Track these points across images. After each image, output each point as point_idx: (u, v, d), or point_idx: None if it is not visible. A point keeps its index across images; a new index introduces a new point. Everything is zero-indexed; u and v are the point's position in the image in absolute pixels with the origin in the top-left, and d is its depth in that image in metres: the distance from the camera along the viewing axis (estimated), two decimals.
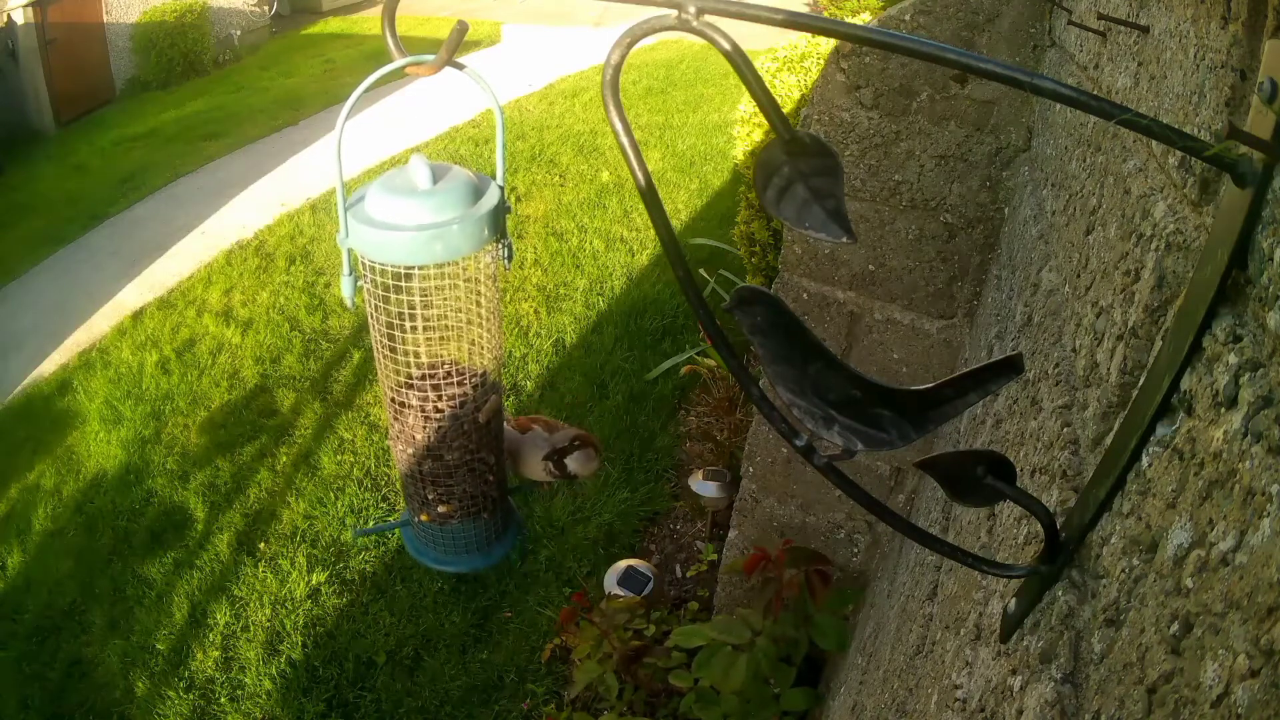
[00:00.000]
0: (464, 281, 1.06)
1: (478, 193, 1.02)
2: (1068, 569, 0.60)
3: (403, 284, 1.02)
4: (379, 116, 7.68)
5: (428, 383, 1.11)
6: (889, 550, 1.96)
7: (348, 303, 1.04)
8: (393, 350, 1.09)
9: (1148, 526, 0.51)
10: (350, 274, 1.01)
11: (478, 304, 1.08)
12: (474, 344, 1.12)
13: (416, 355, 1.11)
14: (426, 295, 1.04)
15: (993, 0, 1.73)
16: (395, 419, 1.16)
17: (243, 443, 4.29)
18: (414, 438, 1.15)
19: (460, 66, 0.97)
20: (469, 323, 1.10)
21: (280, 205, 6.65)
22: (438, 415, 1.13)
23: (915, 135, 1.85)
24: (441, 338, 1.11)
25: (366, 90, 0.88)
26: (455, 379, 1.12)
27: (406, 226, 0.97)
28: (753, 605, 2.23)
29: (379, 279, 1.02)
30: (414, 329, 1.07)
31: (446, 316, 1.08)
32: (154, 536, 3.81)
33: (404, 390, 1.13)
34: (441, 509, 1.20)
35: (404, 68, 0.86)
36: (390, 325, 1.06)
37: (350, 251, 1.00)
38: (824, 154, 0.49)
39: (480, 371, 1.14)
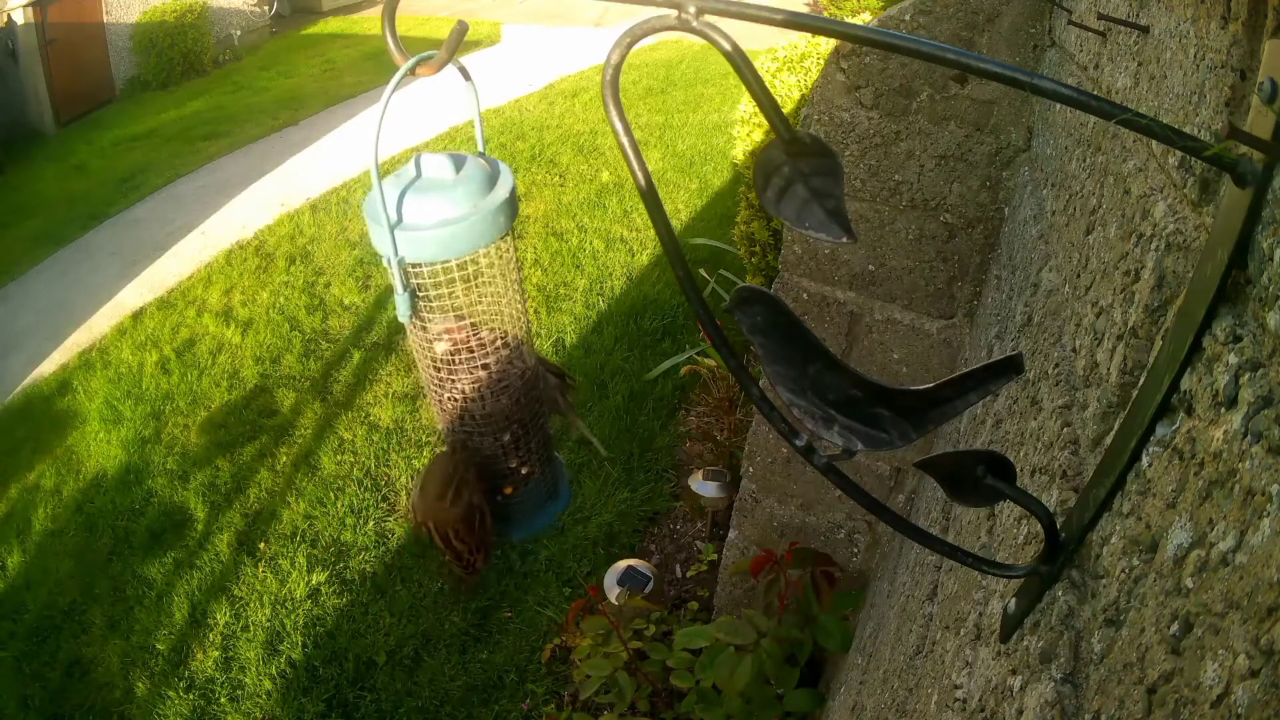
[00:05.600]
0: (497, 258, 1.07)
1: (490, 170, 1.04)
2: (1068, 569, 0.60)
3: (445, 277, 1.02)
4: (378, 118, 7.68)
5: (480, 358, 1.12)
6: (889, 550, 1.96)
7: (405, 320, 1.02)
8: (456, 356, 1.09)
9: (1148, 526, 0.51)
10: (405, 290, 0.99)
11: (504, 275, 1.09)
12: (504, 312, 1.13)
13: (457, 344, 1.11)
14: (469, 280, 1.04)
15: (993, 0, 1.73)
16: (464, 410, 1.15)
17: (243, 443, 4.29)
18: (490, 416, 1.15)
19: (464, 73, 0.97)
20: (502, 296, 1.11)
21: (280, 205, 6.66)
22: (501, 383, 1.13)
23: (915, 135, 1.85)
24: (474, 322, 1.11)
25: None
26: (493, 344, 1.13)
27: (469, 214, 0.97)
28: (754, 605, 2.23)
29: (428, 281, 1.02)
30: (459, 318, 1.07)
31: (486, 296, 1.09)
32: (154, 536, 3.81)
33: (458, 373, 1.13)
34: (524, 471, 1.22)
35: (414, 68, 0.86)
36: (435, 324, 1.06)
37: (402, 269, 0.97)
38: (824, 154, 0.49)
39: (506, 330, 1.15)
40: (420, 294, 1.02)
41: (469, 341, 1.11)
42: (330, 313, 5.26)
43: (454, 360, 1.12)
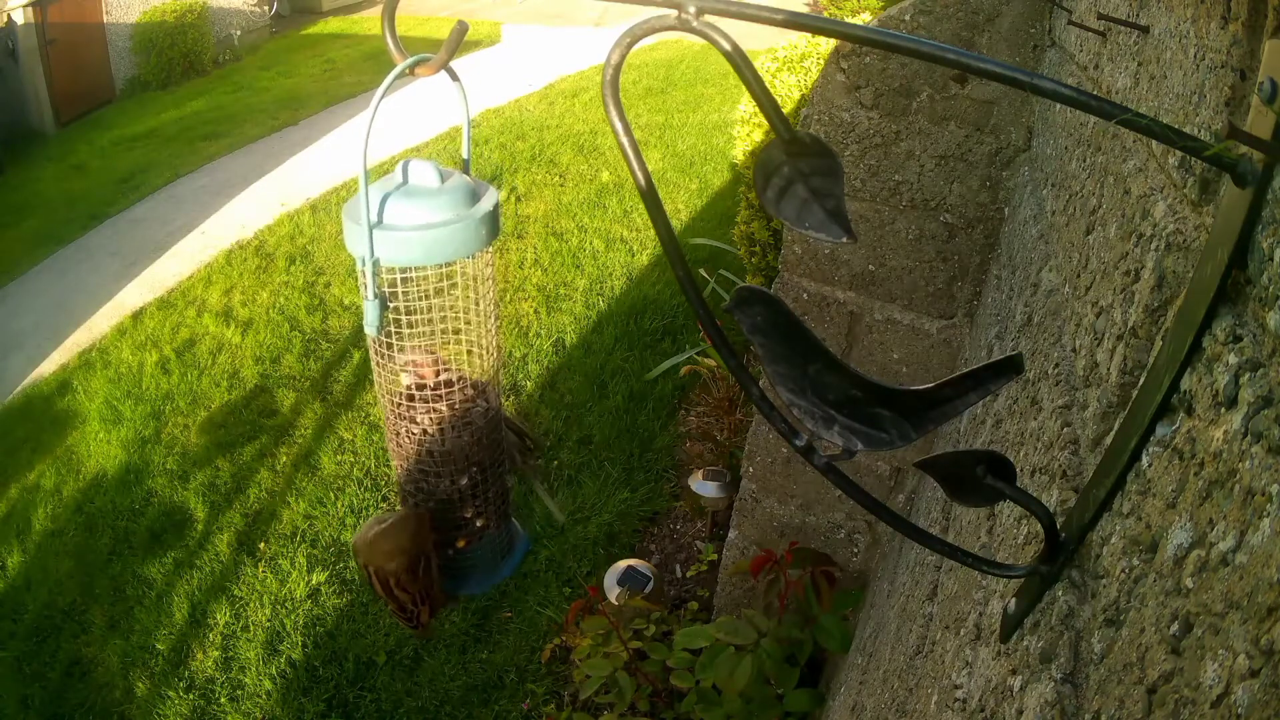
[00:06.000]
0: (472, 280, 1.03)
1: (473, 185, 1.02)
2: (1068, 569, 0.60)
3: (419, 288, 0.99)
4: (378, 117, 7.68)
5: (445, 392, 1.08)
6: (889, 550, 1.96)
7: (373, 331, 0.95)
8: (420, 384, 1.07)
9: (1148, 526, 0.51)
10: (375, 297, 0.92)
11: (477, 304, 1.06)
12: (476, 345, 1.10)
13: (431, 367, 1.07)
14: (429, 299, 1.01)
15: (993, 0, 1.73)
16: (422, 445, 1.09)
17: (243, 443, 4.29)
18: (450, 454, 1.09)
19: (452, 74, 0.96)
20: (469, 324, 1.08)
21: (280, 205, 6.66)
22: (464, 419, 1.09)
23: (915, 135, 1.85)
24: (444, 343, 1.08)
25: (366, 93, 0.87)
26: (467, 382, 1.10)
27: (453, 219, 0.94)
28: (754, 605, 2.23)
29: (400, 290, 0.98)
30: (429, 339, 1.04)
31: (452, 319, 1.06)
32: (154, 536, 3.81)
33: (418, 407, 1.09)
34: (479, 523, 1.14)
35: (411, 68, 0.85)
36: (396, 350, 1.03)
37: (376, 275, 0.92)
38: (824, 154, 0.49)
39: (479, 368, 1.12)
40: (390, 305, 0.98)
41: (435, 370, 1.07)
42: (330, 313, 5.26)
43: (418, 391, 1.06)
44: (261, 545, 3.68)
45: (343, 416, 4.38)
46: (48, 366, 5.09)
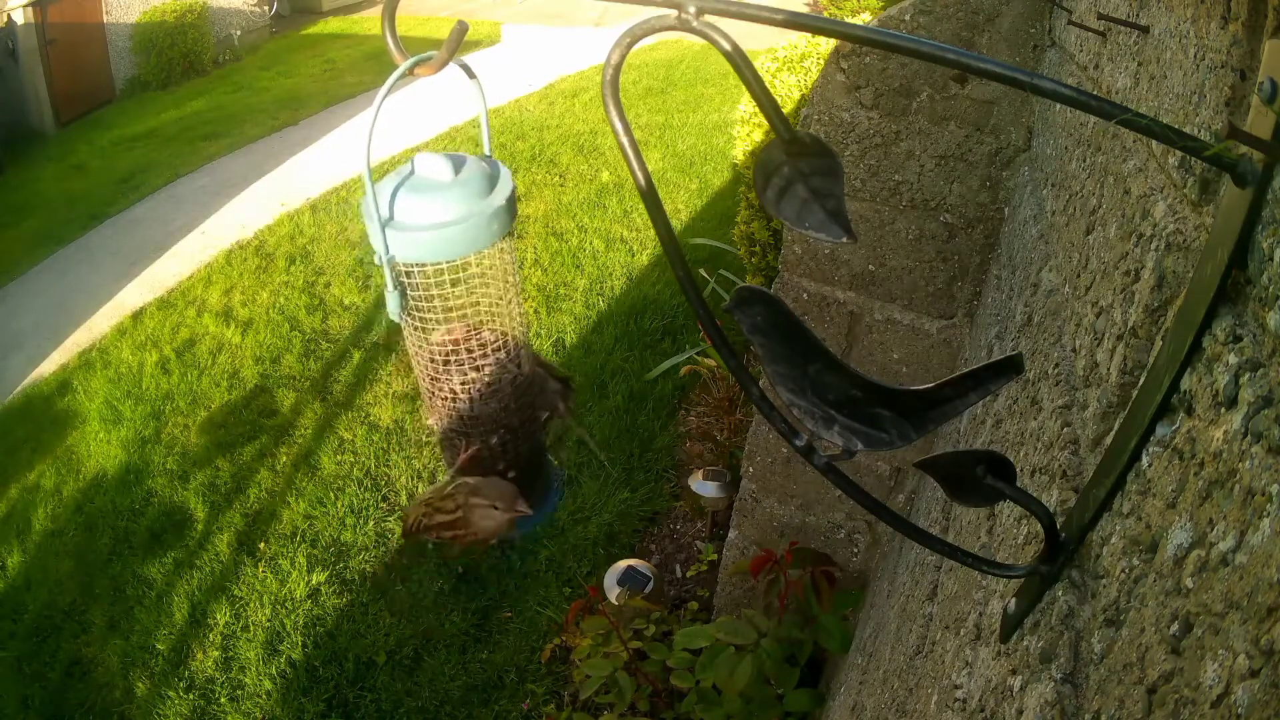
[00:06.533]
0: (492, 261, 1.07)
1: (490, 173, 1.03)
2: (1068, 569, 0.60)
3: (436, 279, 1.02)
4: (372, 115, 7.68)
5: (472, 358, 1.12)
6: (889, 550, 1.96)
7: (395, 318, 1.02)
8: (448, 355, 1.10)
9: (1148, 526, 0.51)
10: (396, 288, 0.99)
11: (505, 281, 1.09)
12: (502, 315, 1.14)
13: (457, 342, 1.12)
14: (461, 284, 1.05)
15: (993, 0, 1.73)
16: (453, 409, 1.15)
17: (243, 443, 4.29)
18: (478, 419, 1.15)
19: (468, 71, 0.97)
20: (500, 299, 1.11)
21: (280, 205, 6.66)
22: (491, 386, 1.14)
23: (915, 135, 1.85)
24: (471, 320, 1.12)
25: (366, 93, 0.88)
26: (492, 346, 1.14)
27: (464, 218, 0.97)
28: (754, 605, 2.23)
29: (419, 280, 1.02)
30: (452, 318, 1.08)
31: (483, 299, 1.09)
32: (154, 536, 3.81)
33: (452, 373, 1.13)
34: (511, 476, 1.21)
35: (412, 68, 0.86)
36: (429, 322, 1.07)
37: (393, 267, 0.98)
38: (824, 154, 0.49)
39: (505, 334, 1.16)
40: (413, 293, 1.03)
41: (466, 341, 1.12)
42: (330, 313, 5.26)
43: (448, 358, 1.12)
44: (261, 545, 3.68)
45: (343, 416, 4.38)
46: (48, 366, 5.09)
